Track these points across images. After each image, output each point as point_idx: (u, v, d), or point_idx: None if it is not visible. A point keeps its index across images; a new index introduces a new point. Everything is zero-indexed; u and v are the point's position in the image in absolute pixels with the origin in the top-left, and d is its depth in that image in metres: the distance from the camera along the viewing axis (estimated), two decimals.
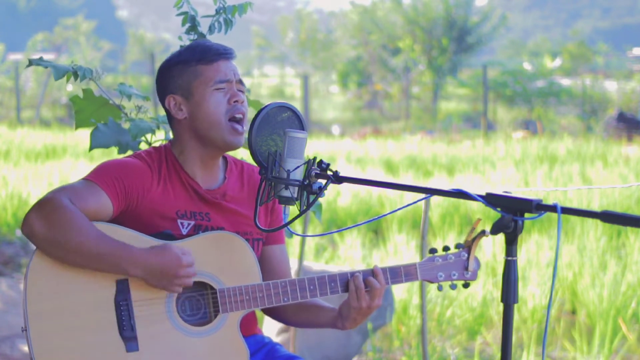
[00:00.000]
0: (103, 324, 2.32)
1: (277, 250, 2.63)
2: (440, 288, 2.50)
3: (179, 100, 2.50)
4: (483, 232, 2.42)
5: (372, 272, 2.44)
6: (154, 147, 2.57)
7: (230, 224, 2.51)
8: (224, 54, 2.50)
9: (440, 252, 2.50)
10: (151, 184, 2.44)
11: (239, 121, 2.48)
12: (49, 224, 2.26)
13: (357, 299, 2.40)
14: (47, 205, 2.27)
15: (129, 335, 2.33)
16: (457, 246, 2.50)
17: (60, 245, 2.26)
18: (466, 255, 2.49)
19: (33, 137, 15.81)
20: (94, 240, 2.27)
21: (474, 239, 2.47)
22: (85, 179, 2.38)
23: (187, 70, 2.49)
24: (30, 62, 2.90)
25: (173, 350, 2.36)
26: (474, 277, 2.49)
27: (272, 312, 2.63)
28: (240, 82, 2.52)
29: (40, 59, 2.93)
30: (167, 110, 2.54)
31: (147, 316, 2.34)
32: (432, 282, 2.49)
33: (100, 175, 2.38)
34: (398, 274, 2.47)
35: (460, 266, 2.49)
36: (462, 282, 2.50)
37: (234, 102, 2.47)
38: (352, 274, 2.44)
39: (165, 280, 2.30)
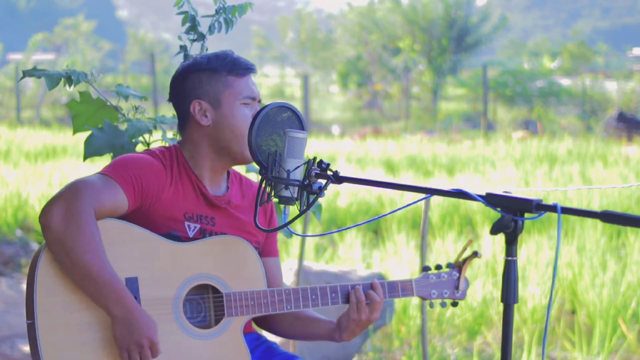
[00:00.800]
0: (111, 322, 2.31)
1: (271, 262, 2.65)
2: (431, 305, 2.60)
3: (206, 106, 2.50)
4: (475, 254, 2.54)
5: (371, 286, 2.50)
6: (165, 147, 2.57)
7: (233, 230, 2.53)
8: (251, 68, 2.54)
9: (433, 270, 2.59)
10: (164, 184, 2.45)
11: None
12: (67, 226, 2.24)
13: (358, 311, 2.46)
14: (74, 206, 2.25)
15: None
16: (448, 265, 2.60)
17: (65, 251, 2.25)
18: (457, 274, 2.58)
19: (33, 137, 15.81)
20: (97, 264, 2.25)
21: (465, 260, 2.57)
22: (104, 174, 2.36)
23: (216, 78, 2.50)
24: (24, 74, 2.88)
25: (178, 350, 2.37)
26: (463, 296, 2.60)
27: (268, 325, 2.65)
28: (260, 100, 2.56)
29: (34, 68, 2.91)
30: (186, 114, 2.53)
31: (154, 316, 2.34)
32: (425, 299, 2.59)
33: (120, 172, 2.37)
34: (395, 288, 2.54)
35: (451, 285, 2.58)
36: (452, 300, 2.60)
37: None
38: (353, 286, 2.49)
39: (129, 337, 2.26)
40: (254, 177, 3.13)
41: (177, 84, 2.55)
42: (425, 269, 2.57)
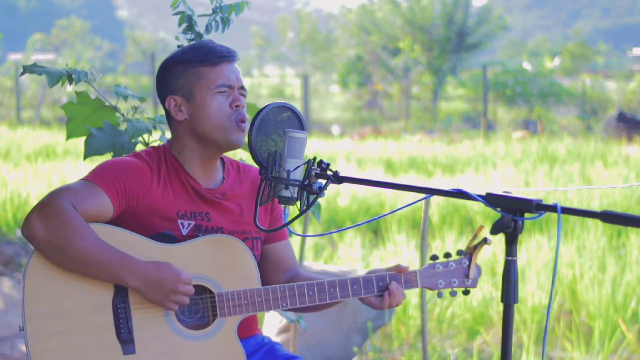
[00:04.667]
0: (100, 326, 2.31)
1: (282, 247, 2.64)
2: (440, 295, 2.50)
3: (180, 101, 2.49)
4: (485, 240, 2.42)
5: (391, 284, 2.46)
6: (153, 147, 2.56)
7: (230, 223, 2.51)
8: (227, 56, 2.48)
9: (441, 259, 2.50)
10: (151, 184, 2.43)
11: (242, 121, 2.49)
12: (50, 228, 2.25)
13: (382, 303, 2.47)
14: (49, 208, 2.26)
15: (126, 337, 2.32)
16: (459, 253, 2.50)
17: (60, 250, 2.25)
18: (467, 262, 2.49)
19: (33, 137, 15.80)
20: (95, 247, 2.26)
21: (475, 247, 2.47)
22: (86, 179, 2.37)
23: (189, 71, 2.47)
24: (25, 69, 2.86)
25: (170, 353, 2.36)
26: (475, 284, 2.49)
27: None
28: (242, 87, 2.51)
29: (34, 64, 2.89)
30: (166, 110, 2.54)
31: (144, 319, 2.34)
32: (432, 290, 2.50)
33: (101, 176, 2.37)
34: (398, 280, 2.47)
35: (460, 273, 2.49)
36: (463, 289, 2.50)
37: (236, 106, 2.47)
38: (353, 280, 2.45)
39: (162, 294, 2.29)
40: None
41: (157, 81, 2.55)
42: (433, 257, 2.49)
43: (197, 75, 2.46)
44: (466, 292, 2.50)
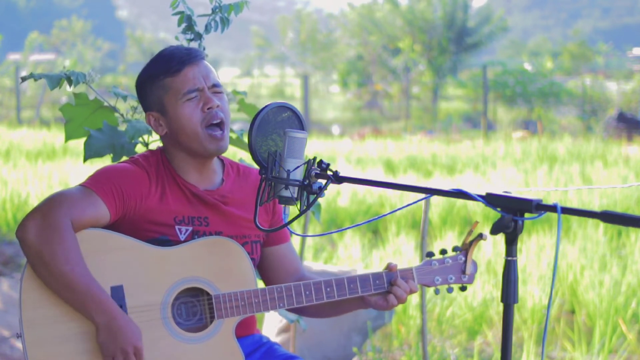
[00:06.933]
0: (95, 330, 2.30)
1: (284, 249, 2.63)
2: (437, 292, 2.50)
3: (157, 116, 2.49)
4: (480, 236, 2.42)
5: (394, 282, 2.46)
6: (150, 151, 2.56)
7: (229, 226, 2.51)
8: (187, 60, 2.45)
9: (437, 256, 2.49)
10: (149, 191, 2.43)
11: (218, 125, 2.46)
12: (42, 239, 2.25)
13: (387, 302, 2.45)
14: (48, 220, 2.26)
15: None
16: (455, 249, 2.50)
17: (43, 263, 2.25)
18: (464, 258, 2.48)
19: (33, 137, 15.80)
20: (76, 275, 2.25)
21: (471, 242, 2.47)
22: (84, 185, 2.37)
23: (156, 85, 2.46)
24: (23, 79, 2.88)
25: (168, 356, 2.36)
26: (471, 280, 2.49)
27: (296, 310, 2.60)
28: (216, 85, 2.47)
29: (32, 74, 2.90)
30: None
31: (142, 322, 2.33)
32: (429, 287, 2.49)
33: (99, 183, 2.37)
34: (394, 278, 2.47)
35: (457, 269, 2.49)
36: (459, 285, 2.50)
37: (208, 109, 2.44)
38: (351, 279, 2.44)
39: (113, 344, 2.26)
40: None
41: (137, 98, 2.56)
42: (429, 254, 2.48)
43: (164, 88, 2.45)
44: (463, 288, 2.50)
